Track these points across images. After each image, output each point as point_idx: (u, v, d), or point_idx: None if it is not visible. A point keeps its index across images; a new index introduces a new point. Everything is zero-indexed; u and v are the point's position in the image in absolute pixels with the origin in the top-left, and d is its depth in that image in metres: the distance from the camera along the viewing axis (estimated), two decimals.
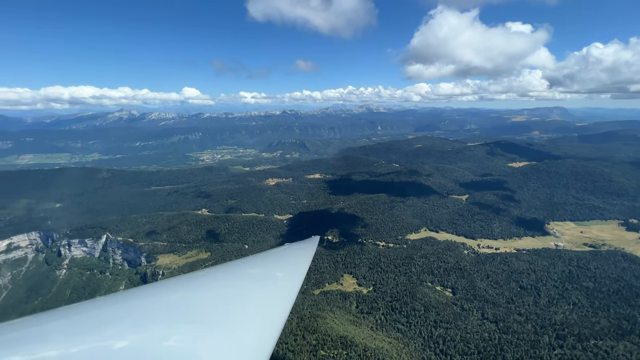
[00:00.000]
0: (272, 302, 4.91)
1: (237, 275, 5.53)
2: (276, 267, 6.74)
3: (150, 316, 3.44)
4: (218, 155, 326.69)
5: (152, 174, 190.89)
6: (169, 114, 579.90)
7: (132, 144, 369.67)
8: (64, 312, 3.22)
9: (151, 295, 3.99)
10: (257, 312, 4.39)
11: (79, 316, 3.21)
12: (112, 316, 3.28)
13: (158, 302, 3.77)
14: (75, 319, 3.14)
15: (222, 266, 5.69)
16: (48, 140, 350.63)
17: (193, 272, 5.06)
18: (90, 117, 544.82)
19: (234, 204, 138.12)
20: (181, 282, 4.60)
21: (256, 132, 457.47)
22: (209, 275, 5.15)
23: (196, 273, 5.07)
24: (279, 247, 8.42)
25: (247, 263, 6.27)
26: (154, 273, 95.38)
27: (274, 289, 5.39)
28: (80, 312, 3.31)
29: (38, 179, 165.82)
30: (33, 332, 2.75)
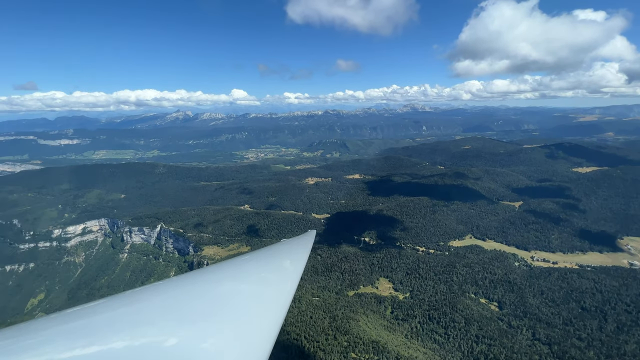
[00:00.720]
0: (270, 298, 4.90)
1: (234, 272, 5.56)
2: (273, 263, 6.69)
3: (149, 317, 3.46)
4: (262, 154, 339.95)
5: (202, 170, 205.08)
6: (218, 114, 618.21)
7: (186, 142, 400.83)
8: (65, 316, 3.23)
9: (149, 296, 4.02)
10: (255, 309, 4.38)
11: (80, 320, 3.23)
12: (111, 318, 3.33)
13: (156, 303, 3.80)
14: (76, 322, 3.16)
15: (219, 264, 5.75)
16: (117, 138, 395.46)
17: (190, 272, 5.08)
18: (152, 117, 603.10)
19: (274, 201, 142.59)
20: (178, 282, 4.65)
21: (298, 131, 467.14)
22: (205, 274, 5.22)
23: (193, 272, 5.11)
24: (276, 243, 8.39)
25: (244, 260, 6.23)
26: (199, 262, 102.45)
27: (272, 285, 5.40)
28: (80, 316, 3.33)
29: (108, 172, 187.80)
30: (38, 336, 2.73)
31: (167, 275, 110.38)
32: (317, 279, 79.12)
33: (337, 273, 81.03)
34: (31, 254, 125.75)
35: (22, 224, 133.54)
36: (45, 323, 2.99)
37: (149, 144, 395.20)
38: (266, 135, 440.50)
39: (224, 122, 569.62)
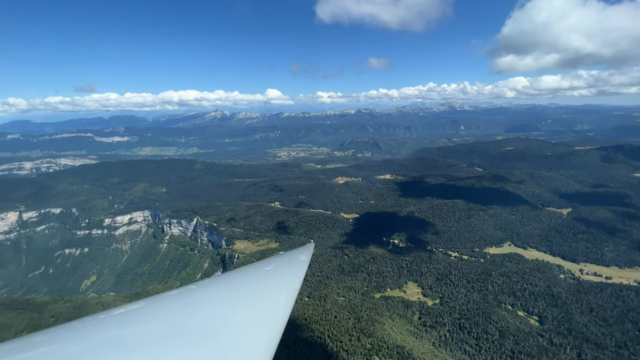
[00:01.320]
0: (268, 312, 4.84)
1: (232, 286, 5.53)
2: (271, 276, 6.60)
3: (145, 337, 3.34)
4: (293, 153, 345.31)
5: (236, 168, 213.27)
6: (253, 113, 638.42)
7: (222, 140, 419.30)
8: (55, 332, 3.12)
9: (143, 315, 3.88)
10: (254, 323, 4.34)
11: (70, 339, 3.11)
12: (98, 340, 3.19)
13: (152, 322, 3.68)
14: (65, 342, 3.03)
15: (216, 278, 5.76)
16: (161, 136, 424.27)
17: (186, 287, 4.96)
18: (192, 116, 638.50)
19: (304, 199, 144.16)
20: (174, 298, 4.51)
21: (330, 130, 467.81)
22: (202, 289, 5.15)
23: (189, 287, 5.02)
24: (274, 256, 8.31)
25: (242, 273, 6.23)
26: (231, 256, 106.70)
27: (270, 299, 5.34)
28: (76, 334, 3.23)
29: (152, 168, 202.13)
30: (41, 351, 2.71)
31: (202, 266, 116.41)
32: (343, 278, 78.77)
33: (363, 274, 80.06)
34: (86, 240, 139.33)
35: (79, 213, 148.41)
36: (37, 339, 2.91)
37: (189, 142, 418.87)
38: (298, 134, 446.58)
39: (259, 121, 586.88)
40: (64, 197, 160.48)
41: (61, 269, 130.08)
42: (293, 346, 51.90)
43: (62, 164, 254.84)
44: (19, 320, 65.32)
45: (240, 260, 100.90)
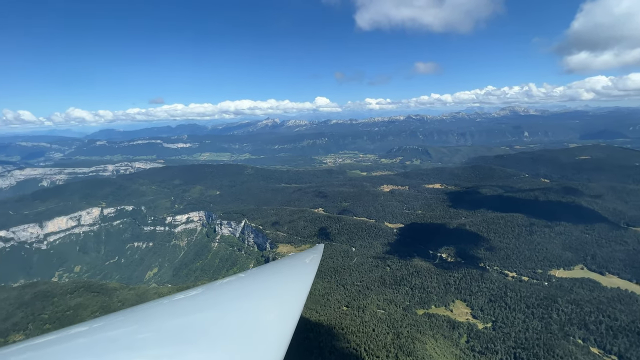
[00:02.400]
0: (279, 312, 4.87)
1: (242, 288, 5.56)
2: (282, 278, 6.56)
3: (156, 338, 3.38)
4: (339, 159, 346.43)
5: (283, 173, 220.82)
6: (302, 121, 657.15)
7: (272, 146, 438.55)
8: (64, 334, 3.19)
9: (154, 314, 3.96)
10: (264, 324, 4.34)
11: (87, 338, 3.23)
12: (109, 338, 3.28)
13: (162, 322, 3.75)
14: (82, 340, 3.16)
15: (226, 280, 5.78)
16: (218, 143, 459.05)
17: (197, 287, 5.00)
18: (246, 124, 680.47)
19: (347, 206, 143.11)
20: (185, 299, 4.56)
21: (377, 137, 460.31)
22: (213, 290, 5.20)
23: (200, 288, 5.05)
24: (284, 258, 8.25)
25: (252, 275, 6.26)
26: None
27: (281, 299, 5.37)
28: (89, 334, 3.32)
29: (208, 172, 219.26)
30: None
31: (247, 266, 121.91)
32: (384, 290, 75.83)
33: (406, 288, 76.17)
34: (151, 235, 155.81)
35: (146, 210, 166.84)
36: (41, 341, 2.97)
37: (242, 148, 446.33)
38: (345, 140, 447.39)
39: (307, 128, 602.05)
40: (135, 196, 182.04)
41: (130, 260, 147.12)
42: (329, 355, 51.21)
43: (136, 167, 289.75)
44: (94, 302, 75.00)
45: None
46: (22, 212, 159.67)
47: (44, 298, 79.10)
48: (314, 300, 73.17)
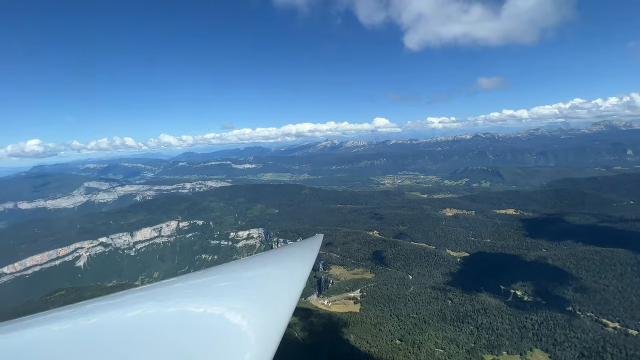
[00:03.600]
0: (274, 302, 4.71)
1: (238, 275, 5.53)
2: (278, 267, 6.39)
3: (149, 322, 3.37)
4: (398, 180, 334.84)
5: (339, 194, 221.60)
6: (360, 142, 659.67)
7: (330, 167, 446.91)
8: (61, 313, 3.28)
9: (149, 298, 3.98)
10: (259, 313, 4.25)
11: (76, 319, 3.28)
12: (106, 318, 3.35)
13: (154, 307, 3.74)
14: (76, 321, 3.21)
15: (222, 266, 5.75)
16: (280, 163, 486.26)
17: (191, 273, 5.02)
18: (306, 146, 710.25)
19: (405, 230, 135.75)
20: (178, 284, 4.56)
21: (440, 157, 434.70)
22: (208, 275, 5.17)
23: (194, 274, 5.08)
24: (283, 246, 8.11)
25: (248, 263, 6.18)
26: (326, 280, 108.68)
27: (277, 289, 5.20)
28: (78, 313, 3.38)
29: (269, 191, 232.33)
30: None
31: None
32: (444, 327, 68.24)
33: (470, 326, 67.36)
34: (216, 249, 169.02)
35: (214, 225, 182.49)
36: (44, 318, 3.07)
37: (301, 169, 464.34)
38: (405, 161, 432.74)
39: (365, 148, 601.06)
40: (206, 212, 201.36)
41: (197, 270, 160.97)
42: None
43: (209, 185, 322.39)
44: None
45: (334, 286, 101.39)
46: (119, 222, 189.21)
47: None
48: (365, 329, 69.44)
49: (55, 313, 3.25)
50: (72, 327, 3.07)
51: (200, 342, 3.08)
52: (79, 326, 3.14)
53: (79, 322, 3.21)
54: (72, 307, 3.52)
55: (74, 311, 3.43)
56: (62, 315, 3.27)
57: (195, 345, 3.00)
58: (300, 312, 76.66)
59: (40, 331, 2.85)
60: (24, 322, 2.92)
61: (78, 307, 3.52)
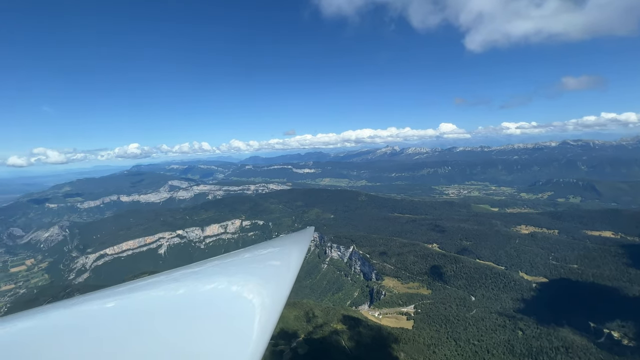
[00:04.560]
0: (265, 295, 4.66)
1: (228, 267, 5.45)
2: (269, 259, 6.31)
3: (139, 314, 3.42)
4: (464, 191, 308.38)
5: (397, 202, 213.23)
6: (423, 148, 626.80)
7: (389, 174, 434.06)
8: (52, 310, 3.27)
9: (139, 291, 4.03)
10: (250, 305, 4.22)
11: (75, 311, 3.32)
12: (98, 312, 3.41)
13: (145, 300, 3.81)
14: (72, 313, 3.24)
15: (212, 260, 5.68)
16: (338, 169, 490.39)
17: (182, 267, 4.99)
18: (365, 152, 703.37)
19: (469, 245, 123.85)
20: (170, 277, 4.57)
21: (516, 167, 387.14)
22: (198, 268, 5.12)
23: (185, 268, 5.02)
24: (273, 239, 7.89)
25: (239, 255, 6.10)
26: (378, 291, 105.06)
27: (267, 282, 5.13)
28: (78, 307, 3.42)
29: (325, 196, 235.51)
30: None
31: (352, 294, 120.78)
32: None
33: None
34: None
35: (272, 226, 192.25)
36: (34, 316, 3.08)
37: (360, 175, 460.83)
38: (473, 170, 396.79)
39: (428, 156, 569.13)
40: (266, 213, 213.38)
41: None
42: None
43: (270, 187, 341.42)
44: None
45: (386, 298, 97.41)
46: (193, 217, 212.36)
47: None
48: (417, 349, 64.99)
49: (55, 307, 3.35)
50: (83, 314, 3.21)
51: (188, 338, 3.06)
52: (90, 313, 3.31)
53: (90, 309, 3.39)
54: (84, 297, 3.70)
55: (89, 298, 3.62)
56: (66, 305, 3.39)
57: (182, 342, 2.98)
58: (349, 320, 75.48)
59: (39, 322, 2.95)
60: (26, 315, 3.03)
61: (94, 295, 3.71)
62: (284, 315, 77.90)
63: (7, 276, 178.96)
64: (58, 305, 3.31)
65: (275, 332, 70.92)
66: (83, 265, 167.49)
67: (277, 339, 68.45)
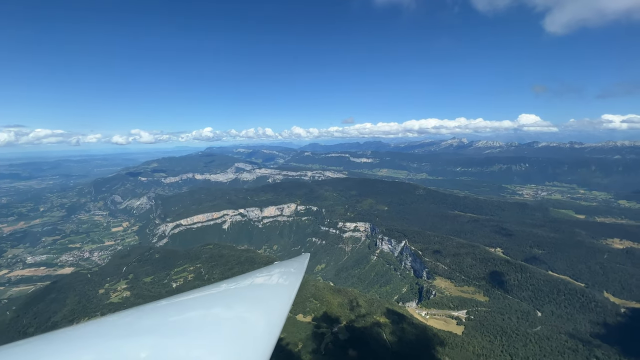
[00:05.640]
0: (262, 322, 4.77)
1: (224, 295, 5.56)
2: (265, 287, 6.54)
3: (130, 342, 3.38)
4: (543, 192, 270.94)
5: (459, 199, 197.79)
6: (495, 142, 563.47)
7: (453, 168, 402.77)
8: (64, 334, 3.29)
9: (132, 318, 4.02)
10: (247, 333, 4.29)
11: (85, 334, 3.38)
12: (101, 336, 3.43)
13: (137, 326, 3.80)
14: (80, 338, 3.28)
15: (207, 287, 5.76)
16: (397, 160, 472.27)
17: (176, 295, 5.01)
18: (428, 143, 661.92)
19: (540, 254, 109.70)
20: (164, 305, 4.57)
21: (617, 169, 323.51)
22: (194, 296, 5.17)
23: (179, 296, 5.06)
24: (267, 267, 7.99)
25: (234, 283, 6.17)
26: (428, 290, 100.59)
27: (263, 310, 5.24)
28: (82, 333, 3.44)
29: (381, 187, 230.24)
30: None
31: (400, 289, 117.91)
32: None
33: None
34: (325, 235, 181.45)
35: (325, 213, 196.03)
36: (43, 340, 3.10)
37: (420, 167, 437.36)
38: (557, 169, 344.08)
39: (501, 150, 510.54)
40: (320, 199, 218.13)
41: (307, 251, 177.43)
42: None
43: (326, 175, 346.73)
44: None
45: (436, 299, 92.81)
46: (254, 198, 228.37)
47: (250, 262, 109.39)
48: (464, 357, 61.24)
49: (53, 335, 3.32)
50: None
51: None
52: None
53: None
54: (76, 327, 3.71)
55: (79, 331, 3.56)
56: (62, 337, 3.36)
57: None
58: (393, 315, 74.28)
59: None
60: None
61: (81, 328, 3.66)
62: (328, 300, 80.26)
63: (109, 234, 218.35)
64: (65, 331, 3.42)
65: (318, 315, 73.72)
66: (163, 232, 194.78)
67: (320, 321, 71.08)
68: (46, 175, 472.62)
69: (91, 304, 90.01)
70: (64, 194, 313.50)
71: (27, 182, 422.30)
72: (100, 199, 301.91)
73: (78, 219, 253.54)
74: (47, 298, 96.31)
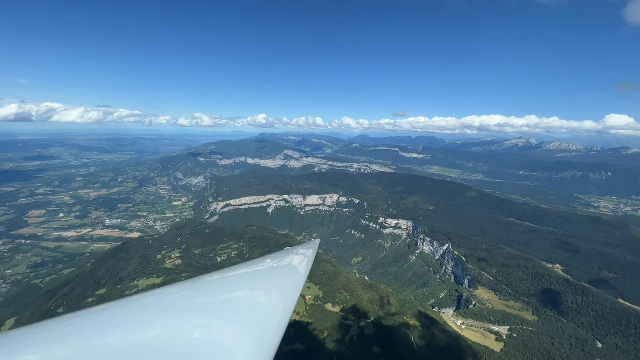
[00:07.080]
0: (272, 306, 4.88)
1: (235, 279, 5.63)
2: (276, 272, 6.66)
3: (150, 319, 3.48)
4: (626, 208, 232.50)
5: (516, 206, 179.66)
6: (572, 145, 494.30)
7: (515, 171, 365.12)
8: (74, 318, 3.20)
9: (150, 299, 4.08)
10: (257, 317, 4.35)
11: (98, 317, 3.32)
12: (118, 317, 3.41)
13: (153, 307, 3.85)
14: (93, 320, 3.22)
15: (218, 272, 5.80)
16: (451, 158, 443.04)
17: (187, 281, 5.07)
18: (489, 142, 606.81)
19: (610, 278, 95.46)
20: (177, 288, 4.63)
21: None
22: (204, 280, 5.21)
23: (190, 281, 5.12)
24: (279, 252, 8.17)
25: (244, 268, 6.24)
26: (468, 299, 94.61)
27: (274, 294, 5.35)
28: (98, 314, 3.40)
29: (428, 185, 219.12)
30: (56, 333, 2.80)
31: (438, 294, 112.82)
32: None
33: None
34: (365, 228, 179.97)
35: (367, 207, 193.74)
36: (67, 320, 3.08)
37: (477, 167, 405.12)
38: None
39: (578, 155, 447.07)
40: (363, 193, 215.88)
41: (346, 243, 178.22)
42: None
43: (373, 168, 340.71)
44: None
45: (476, 309, 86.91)
46: (299, 186, 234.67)
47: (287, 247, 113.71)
48: None
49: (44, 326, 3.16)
50: None
51: (203, 344, 3.33)
52: None
53: None
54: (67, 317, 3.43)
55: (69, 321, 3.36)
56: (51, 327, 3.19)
57: (197, 349, 3.25)
58: (424, 319, 71.80)
59: None
60: None
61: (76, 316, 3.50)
62: (358, 294, 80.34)
63: (170, 207, 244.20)
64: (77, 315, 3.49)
65: (347, 307, 74.42)
66: (215, 210, 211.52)
67: (348, 313, 71.74)
68: (125, 150, 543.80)
69: (150, 266, 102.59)
70: (137, 168, 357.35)
71: (110, 155, 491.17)
72: (165, 175, 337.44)
73: (147, 191, 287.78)
74: (117, 256, 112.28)
